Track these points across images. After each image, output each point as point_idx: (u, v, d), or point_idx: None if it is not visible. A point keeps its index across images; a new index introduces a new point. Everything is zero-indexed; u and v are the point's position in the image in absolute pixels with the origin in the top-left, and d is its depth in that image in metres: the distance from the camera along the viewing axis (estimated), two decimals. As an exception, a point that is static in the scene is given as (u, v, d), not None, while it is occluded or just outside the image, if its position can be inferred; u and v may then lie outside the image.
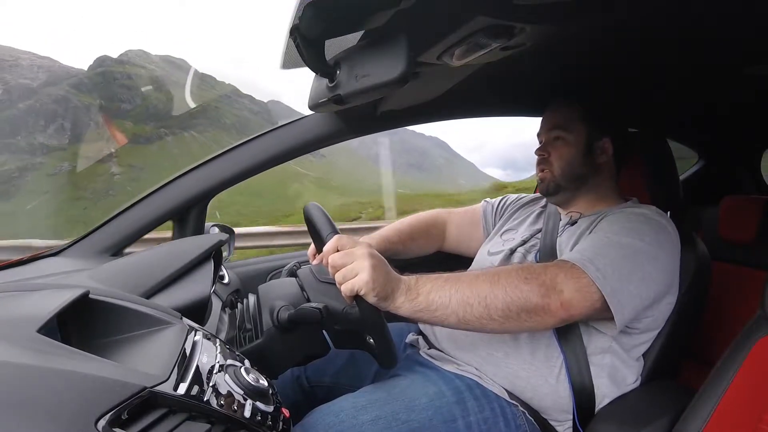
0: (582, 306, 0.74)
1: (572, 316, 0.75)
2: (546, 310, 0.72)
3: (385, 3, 0.52)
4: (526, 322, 0.73)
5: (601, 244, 0.80)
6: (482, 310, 0.71)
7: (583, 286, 0.74)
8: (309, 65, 0.61)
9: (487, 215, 1.19)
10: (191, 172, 1.09)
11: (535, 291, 0.72)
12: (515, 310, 0.71)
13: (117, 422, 0.40)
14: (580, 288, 0.74)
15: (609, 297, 0.74)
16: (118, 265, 0.79)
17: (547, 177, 0.98)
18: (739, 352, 0.70)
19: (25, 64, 10.78)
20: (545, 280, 0.73)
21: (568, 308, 0.73)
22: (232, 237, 1.11)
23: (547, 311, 0.72)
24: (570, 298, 0.73)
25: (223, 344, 0.63)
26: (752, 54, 0.90)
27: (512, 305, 0.71)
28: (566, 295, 0.73)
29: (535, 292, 0.72)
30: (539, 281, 0.73)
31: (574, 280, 0.74)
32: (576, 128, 0.97)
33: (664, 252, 0.82)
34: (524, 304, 0.71)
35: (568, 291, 0.73)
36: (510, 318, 0.72)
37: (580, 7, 0.61)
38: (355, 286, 0.69)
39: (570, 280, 0.74)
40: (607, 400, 0.83)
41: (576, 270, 0.75)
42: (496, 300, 0.71)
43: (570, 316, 0.74)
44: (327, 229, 0.77)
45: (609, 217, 0.89)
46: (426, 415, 0.76)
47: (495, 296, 0.71)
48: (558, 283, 0.73)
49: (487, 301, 0.71)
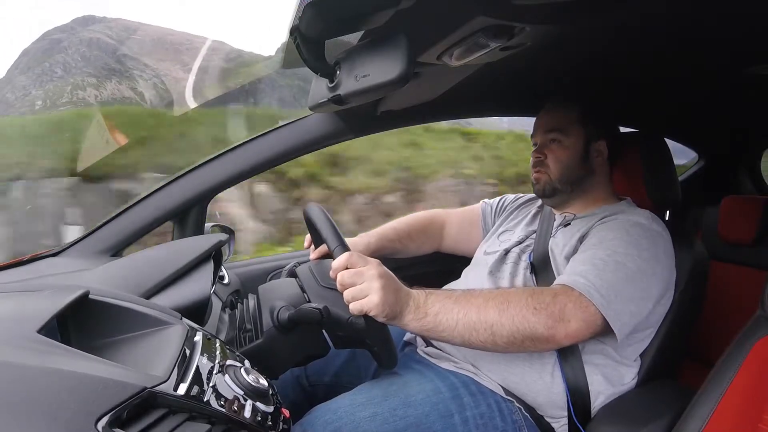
0: (585, 334, 0.77)
1: (575, 343, 0.79)
2: (550, 340, 0.75)
3: (385, 3, 0.52)
4: (529, 348, 0.76)
5: (602, 264, 0.80)
6: (487, 336, 0.73)
7: (589, 315, 0.76)
8: (309, 65, 0.61)
9: (486, 215, 1.19)
10: (191, 172, 1.09)
11: (542, 323, 0.74)
12: (519, 338, 0.74)
13: (117, 422, 0.40)
14: (586, 318, 0.76)
15: (612, 320, 0.77)
16: (118, 265, 0.79)
17: (543, 179, 0.98)
18: (739, 352, 0.70)
19: (200, 48, 10.93)
20: (554, 312, 0.75)
21: (573, 338, 0.76)
22: (232, 237, 1.11)
23: (552, 341, 0.75)
24: (576, 328, 0.75)
25: (223, 344, 0.63)
26: (752, 54, 0.90)
27: (517, 334, 0.73)
28: (573, 325, 0.75)
29: (542, 323, 0.74)
30: (548, 312, 0.74)
31: (581, 311, 0.76)
32: (573, 131, 0.97)
33: (660, 265, 0.84)
34: (530, 334, 0.74)
35: (575, 321, 0.75)
36: (513, 344, 0.74)
37: (580, 7, 0.61)
38: (365, 307, 0.70)
39: (578, 311, 0.76)
40: (603, 398, 0.83)
41: (583, 300, 0.77)
42: (502, 329, 0.73)
43: (573, 343, 0.78)
44: (335, 241, 0.77)
45: (606, 225, 0.89)
46: (423, 411, 0.77)
47: (502, 325, 0.73)
48: (566, 313, 0.75)
49: (494, 329, 0.73)
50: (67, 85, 9.54)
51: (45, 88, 9.63)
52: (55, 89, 9.50)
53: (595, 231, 0.88)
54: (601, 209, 0.96)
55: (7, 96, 9.82)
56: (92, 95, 9.26)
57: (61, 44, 10.38)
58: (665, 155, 1.05)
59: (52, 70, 9.72)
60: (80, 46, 10.33)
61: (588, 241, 0.87)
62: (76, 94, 9.31)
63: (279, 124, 1.12)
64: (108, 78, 9.64)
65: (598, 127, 0.99)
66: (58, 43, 10.51)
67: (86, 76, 9.55)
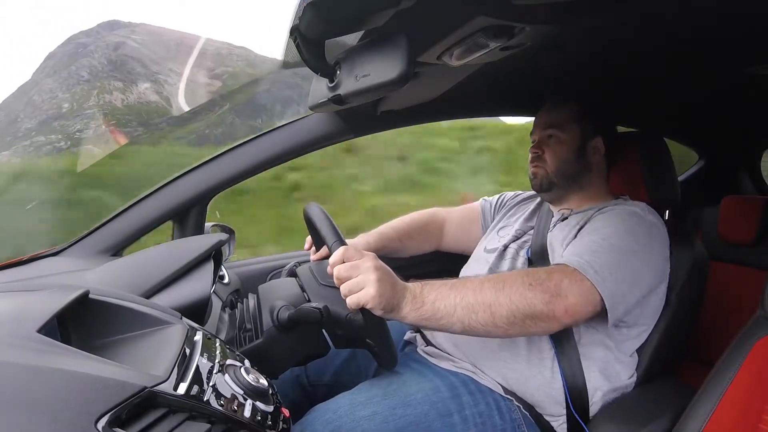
0: (585, 311, 0.76)
1: (576, 321, 0.77)
2: (551, 317, 0.74)
3: (385, 3, 0.52)
4: (531, 328, 0.74)
5: (597, 246, 0.81)
6: (487, 317, 0.72)
7: (586, 290, 0.76)
8: (309, 65, 0.61)
9: (485, 213, 1.19)
10: (191, 172, 1.09)
11: (539, 298, 0.73)
12: (520, 317, 0.73)
13: (117, 422, 0.40)
14: (583, 292, 0.75)
15: (607, 299, 0.76)
16: (118, 265, 0.79)
17: (540, 173, 0.99)
18: (739, 352, 0.71)
19: (224, 53, 10.91)
20: (549, 287, 0.74)
21: (573, 314, 0.75)
22: (232, 237, 1.12)
23: (552, 317, 0.74)
24: (574, 303, 0.74)
25: (223, 344, 0.63)
26: (752, 54, 0.90)
27: (517, 312, 0.73)
28: (571, 300, 0.74)
29: (539, 299, 0.73)
30: (543, 288, 0.74)
31: (577, 285, 0.75)
32: (570, 128, 0.99)
33: (654, 253, 0.85)
34: (529, 311, 0.73)
35: (572, 296, 0.75)
36: (515, 324, 0.73)
37: (580, 7, 0.61)
38: (361, 300, 0.70)
39: (574, 285, 0.75)
40: (600, 394, 0.84)
41: (578, 274, 0.76)
42: (500, 308, 0.72)
43: (574, 321, 0.77)
44: (332, 237, 0.77)
45: (603, 215, 0.90)
46: (422, 410, 0.77)
47: (500, 304, 0.73)
48: (563, 288, 0.74)
49: (492, 308, 0.72)
50: (93, 88, 9.60)
51: (72, 91, 9.68)
52: (81, 92, 9.56)
53: (592, 221, 0.90)
54: (598, 205, 0.97)
55: (34, 98, 9.89)
56: (118, 99, 9.32)
57: (87, 48, 10.45)
58: (665, 155, 1.05)
59: (79, 73, 9.78)
60: (106, 50, 10.41)
61: (585, 230, 0.89)
62: (102, 97, 9.37)
63: (279, 124, 1.12)
64: (134, 82, 9.71)
65: (595, 124, 1.00)
66: (84, 47, 10.58)
67: (112, 80, 9.61)
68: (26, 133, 9.00)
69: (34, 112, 9.57)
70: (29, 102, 10.04)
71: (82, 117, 8.72)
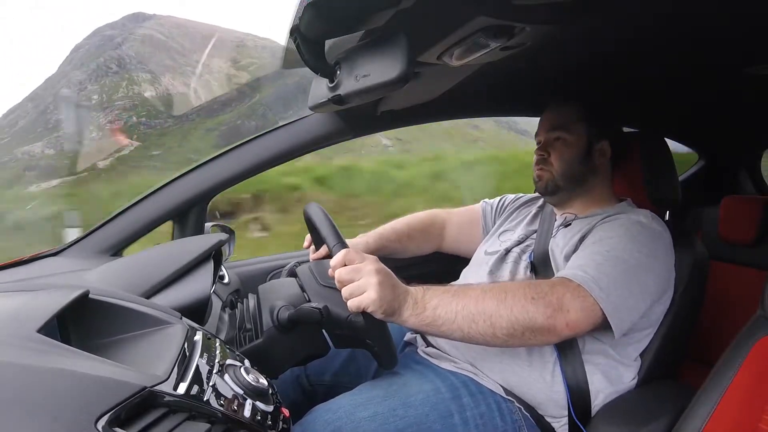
0: (586, 325, 0.76)
1: (577, 335, 0.78)
2: (551, 330, 0.74)
3: (385, 3, 0.52)
4: (530, 340, 0.75)
5: (602, 258, 0.80)
6: (487, 327, 0.73)
7: (588, 306, 0.76)
8: (309, 65, 0.61)
9: (486, 215, 1.19)
10: (191, 172, 1.09)
11: (540, 312, 0.73)
12: (520, 330, 0.73)
13: (117, 422, 0.40)
14: (585, 308, 0.75)
15: (610, 315, 0.76)
16: (118, 265, 0.79)
17: (545, 176, 0.99)
18: (739, 352, 0.70)
19: (250, 45, 10.92)
20: (552, 300, 0.74)
21: (574, 328, 0.75)
22: (232, 237, 1.11)
23: (552, 331, 0.74)
24: (576, 318, 0.74)
25: (223, 344, 0.63)
26: (752, 54, 0.90)
27: (517, 324, 0.73)
28: (572, 315, 0.74)
29: (540, 312, 0.73)
30: (545, 301, 0.74)
31: (579, 300, 0.75)
32: (577, 129, 0.98)
33: (659, 262, 0.84)
34: (529, 324, 0.73)
35: (574, 311, 0.74)
36: (514, 336, 0.73)
37: (580, 7, 0.61)
38: (362, 303, 0.70)
39: (576, 301, 0.75)
40: (603, 396, 0.83)
41: (581, 290, 0.76)
42: (501, 319, 0.72)
43: (575, 334, 0.77)
44: (333, 239, 0.77)
45: (607, 224, 0.89)
46: (422, 411, 0.77)
47: (500, 315, 0.73)
48: (565, 303, 0.74)
49: (493, 319, 0.72)
50: (122, 80, 9.66)
51: (100, 83, 9.74)
52: (110, 84, 9.63)
53: (596, 230, 0.89)
54: (602, 210, 0.96)
55: (63, 91, 9.98)
56: (148, 90, 9.39)
57: (114, 40, 10.50)
58: (665, 155, 1.05)
59: (107, 65, 9.84)
60: (133, 43, 10.47)
61: (588, 240, 0.88)
62: (132, 89, 9.42)
63: (279, 124, 1.12)
64: (162, 74, 9.77)
65: (602, 127, 0.99)
66: (111, 40, 10.63)
67: (141, 72, 9.68)
68: (56, 125, 9.07)
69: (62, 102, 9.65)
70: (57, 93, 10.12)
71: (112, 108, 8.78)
